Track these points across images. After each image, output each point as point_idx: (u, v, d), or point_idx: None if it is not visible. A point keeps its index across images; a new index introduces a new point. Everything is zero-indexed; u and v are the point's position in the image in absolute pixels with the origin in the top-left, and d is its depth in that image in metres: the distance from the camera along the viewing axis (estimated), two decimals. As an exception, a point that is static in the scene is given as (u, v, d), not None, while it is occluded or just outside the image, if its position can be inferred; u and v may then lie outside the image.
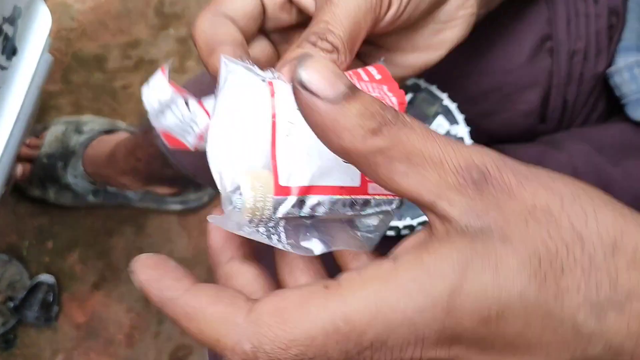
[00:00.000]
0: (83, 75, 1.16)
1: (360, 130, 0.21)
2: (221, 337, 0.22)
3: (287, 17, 0.36)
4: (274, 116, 0.26)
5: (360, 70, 0.32)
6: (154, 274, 0.24)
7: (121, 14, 1.21)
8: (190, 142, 0.31)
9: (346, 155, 0.22)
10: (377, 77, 0.31)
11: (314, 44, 0.30)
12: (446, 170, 0.22)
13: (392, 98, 0.30)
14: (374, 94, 0.29)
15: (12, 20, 0.63)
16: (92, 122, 1.04)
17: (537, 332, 0.21)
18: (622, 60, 0.54)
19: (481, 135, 0.53)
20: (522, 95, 0.54)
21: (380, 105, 0.22)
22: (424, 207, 0.23)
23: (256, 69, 0.28)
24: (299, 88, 0.21)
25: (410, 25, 0.37)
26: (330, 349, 0.21)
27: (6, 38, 0.62)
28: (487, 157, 0.22)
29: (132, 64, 1.16)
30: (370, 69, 0.32)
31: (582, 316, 0.21)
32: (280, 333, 0.21)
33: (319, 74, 0.21)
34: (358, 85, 0.29)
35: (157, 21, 1.21)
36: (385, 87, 0.31)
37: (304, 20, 0.36)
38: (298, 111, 0.23)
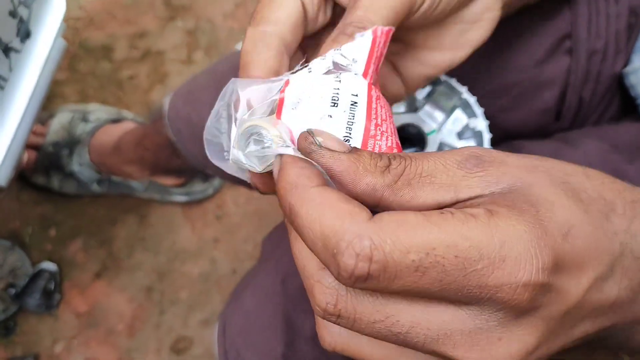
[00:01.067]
0: (90, 64, 1.15)
1: (378, 169, 0.25)
2: (341, 229, 0.23)
3: (323, 17, 0.36)
4: (282, 92, 0.28)
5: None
6: (300, 162, 0.26)
7: (129, 4, 1.21)
8: None
9: (372, 193, 0.25)
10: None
11: (351, 36, 0.30)
12: (452, 169, 0.25)
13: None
14: None
15: (27, 3, 0.62)
16: (98, 111, 1.04)
17: (594, 244, 0.25)
18: (638, 60, 0.54)
19: (497, 131, 0.53)
20: (540, 93, 0.54)
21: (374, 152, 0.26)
22: (452, 207, 0.25)
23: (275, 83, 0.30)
24: (318, 150, 0.26)
25: (439, 23, 0.37)
26: (447, 262, 0.23)
27: (21, 21, 0.62)
28: (472, 148, 0.26)
29: (139, 54, 1.16)
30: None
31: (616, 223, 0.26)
32: (402, 237, 0.23)
33: (330, 138, 0.26)
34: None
35: (165, 12, 1.20)
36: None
37: (336, 19, 0.36)
38: (306, 90, 0.27)
